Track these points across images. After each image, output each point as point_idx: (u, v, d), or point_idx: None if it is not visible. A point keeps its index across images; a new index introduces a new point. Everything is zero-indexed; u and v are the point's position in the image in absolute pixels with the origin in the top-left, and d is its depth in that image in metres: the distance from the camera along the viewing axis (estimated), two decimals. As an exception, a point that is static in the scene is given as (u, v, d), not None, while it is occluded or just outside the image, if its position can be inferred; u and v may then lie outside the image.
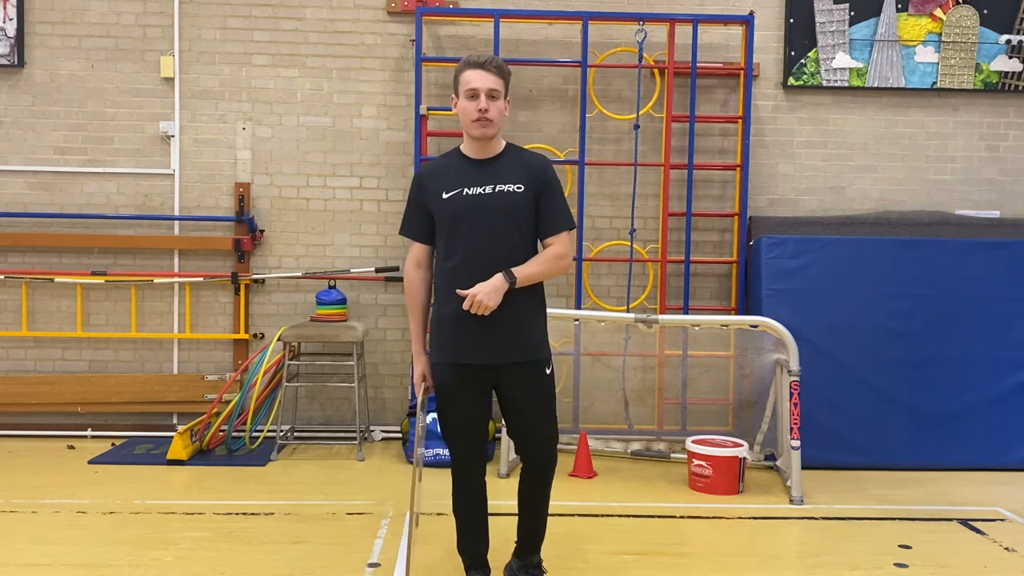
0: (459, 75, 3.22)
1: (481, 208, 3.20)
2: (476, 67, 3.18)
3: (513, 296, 3.18)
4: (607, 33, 6.34)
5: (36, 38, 6.25)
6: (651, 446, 5.91)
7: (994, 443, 5.69)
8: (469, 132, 3.24)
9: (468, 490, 3.42)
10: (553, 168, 3.39)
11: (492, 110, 3.17)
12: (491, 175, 3.25)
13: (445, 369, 3.31)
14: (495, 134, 3.25)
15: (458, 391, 3.30)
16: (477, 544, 3.51)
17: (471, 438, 3.38)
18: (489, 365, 3.26)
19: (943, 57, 6.43)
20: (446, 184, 3.25)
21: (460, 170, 3.28)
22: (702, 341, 6.01)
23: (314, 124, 6.37)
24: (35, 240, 6.24)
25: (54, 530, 4.27)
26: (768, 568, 3.97)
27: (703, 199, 6.43)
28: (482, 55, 3.27)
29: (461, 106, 3.21)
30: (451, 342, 3.28)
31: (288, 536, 4.25)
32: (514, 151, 3.37)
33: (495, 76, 3.18)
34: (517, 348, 3.28)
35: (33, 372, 6.33)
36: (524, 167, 3.29)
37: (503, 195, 3.22)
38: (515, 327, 3.25)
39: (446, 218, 3.23)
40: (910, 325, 5.76)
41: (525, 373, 3.31)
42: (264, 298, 6.40)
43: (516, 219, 3.22)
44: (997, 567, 4.02)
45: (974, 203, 6.54)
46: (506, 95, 3.24)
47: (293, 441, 6.20)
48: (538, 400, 3.34)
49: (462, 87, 3.20)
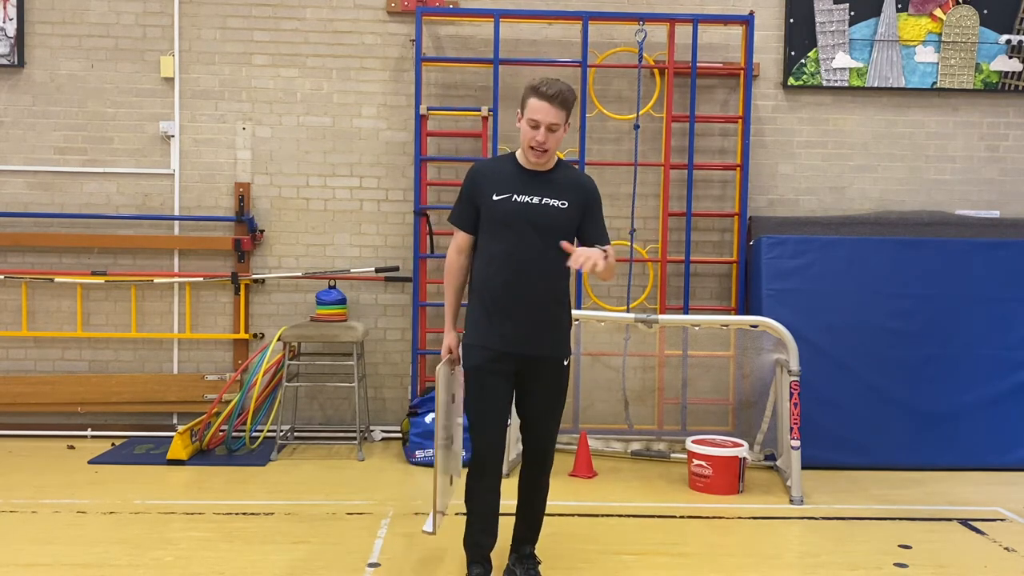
0: (526, 99, 3.39)
1: (526, 215, 3.41)
2: (544, 98, 3.33)
3: (548, 293, 3.44)
4: (607, 33, 6.34)
5: (36, 38, 6.25)
6: (651, 446, 5.91)
7: (994, 443, 5.69)
8: (526, 154, 3.45)
9: (486, 479, 3.50)
10: (597, 188, 3.60)
11: (550, 141, 3.37)
12: (541, 187, 3.45)
13: (476, 352, 3.48)
14: (547, 161, 3.46)
15: (485, 375, 3.46)
16: (484, 537, 3.56)
17: (494, 424, 3.50)
18: (518, 355, 3.44)
19: (943, 57, 6.43)
20: (498, 187, 3.45)
21: (513, 176, 3.47)
22: (702, 341, 6.01)
23: (314, 124, 6.37)
24: (35, 240, 6.24)
25: (54, 530, 4.27)
26: (768, 568, 3.97)
27: (703, 199, 6.43)
28: (552, 84, 3.37)
29: (523, 127, 3.41)
30: (488, 328, 3.45)
31: (288, 536, 4.25)
32: (564, 167, 3.57)
33: (558, 110, 3.34)
34: (547, 343, 3.49)
35: (33, 372, 6.33)
36: (573, 185, 3.51)
37: (548, 208, 3.43)
38: (548, 322, 3.48)
39: (493, 219, 3.44)
40: (910, 325, 5.76)
41: (548, 366, 3.51)
42: (264, 298, 6.40)
43: (555, 231, 3.40)
44: (997, 567, 4.02)
45: (974, 203, 6.54)
46: (567, 122, 3.41)
47: (293, 441, 6.20)
48: (556, 393, 3.56)
49: (527, 112, 3.37)
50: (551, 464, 3.66)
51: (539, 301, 3.43)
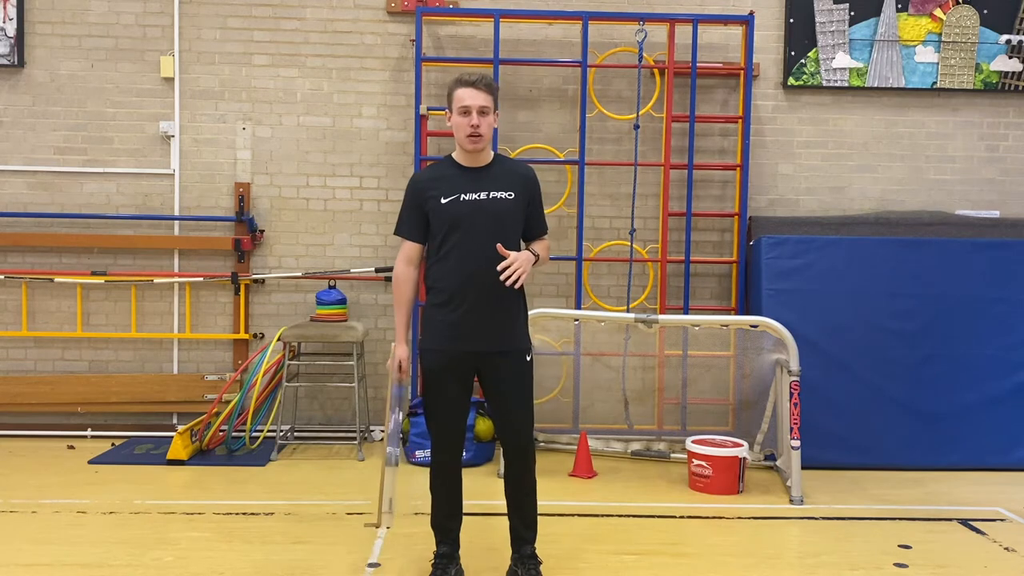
0: (452, 93, 3.53)
1: (477, 212, 3.49)
2: (468, 85, 3.49)
3: (505, 287, 3.44)
4: (607, 33, 6.34)
5: (36, 38, 6.26)
6: (651, 446, 5.91)
7: (994, 443, 5.69)
8: (462, 145, 3.54)
9: (444, 469, 3.63)
10: (537, 176, 3.73)
11: (483, 125, 3.48)
12: (485, 182, 3.55)
13: (433, 355, 3.57)
14: (485, 147, 3.54)
15: (443, 375, 3.55)
16: (449, 520, 3.69)
17: (451, 420, 3.60)
18: (475, 352, 3.52)
19: (943, 57, 6.43)
20: (444, 190, 3.53)
21: (456, 177, 3.56)
22: (702, 341, 6.01)
23: (314, 124, 6.37)
24: (35, 240, 6.25)
25: (54, 530, 4.28)
26: (768, 568, 3.97)
27: (703, 199, 6.43)
28: (473, 73, 3.55)
29: (455, 121, 3.52)
30: (442, 329, 3.53)
31: (288, 536, 4.25)
32: (501, 160, 3.68)
33: (485, 93, 3.48)
34: (503, 337, 3.56)
35: (33, 372, 6.33)
36: (515, 176, 3.62)
37: (496, 201, 3.53)
38: (503, 318, 3.55)
39: (444, 221, 3.50)
40: (910, 325, 5.76)
41: (508, 361, 3.57)
42: (264, 298, 6.40)
43: (506, 222, 3.53)
44: (997, 567, 4.02)
45: (974, 203, 6.54)
46: (495, 109, 3.55)
47: (293, 441, 6.20)
48: (520, 386, 3.61)
49: (455, 104, 3.50)
50: (533, 460, 3.67)
51: (495, 294, 3.47)
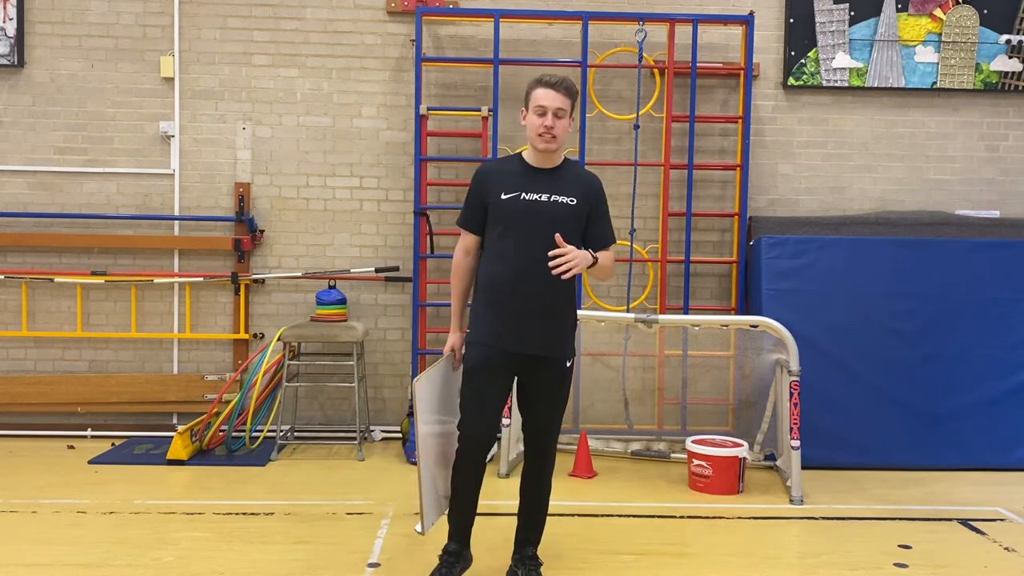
0: (530, 92, 3.46)
1: (535, 213, 3.43)
2: (547, 86, 3.41)
3: (555, 292, 3.42)
4: (607, 33, 6.34)
5: (36, 38, 6.25)
6: (651, 446, 5.91)
7: (994, 443, 5.69)
8: (534, 144, 3.48)
9: (470, 468, 3.53)
10: (603, 187, 3.64)
11: (557, 127, 3.41)
12: (549, 184, 3.48)
13: (479, 349, 3.49)
14: (557, 148, 3.47)
15: (485, 372, 3.47)
16: (465, 518, 3.61)
17: (484, 418, 3.50)
18: (520, 353, 3.46)
19: (943, 57, 6.43)
20: (506, 186, 3.47)
21: (521, 175, 3.50)
22: (702, 341, 6.01)
23: (314, 124, 6.37)
24: (35, 240, 6.24)
25: (54, 530, 4.27)
26: (768, 568, 3.97)
27: (703, 199, 6.43)
28: (554, 76, 3.46)
29: (529, 119, 3.45)
30: (491, 325, 3.47)
31: (288, 536, 4.25)
32: (571, 166, 3.62)
33: (563, 96, 3.41)
34: (551, 342, 3.50)
35: (33, 372, 6.33)
36: (580, 182, 3.54)
37: (557, 205, 3.45)
38: (552, 322, 3.49)
39: (502, 217, 3.46)
40: (910, 325, 5.76)
41: (551, 366, 3.51)
42: (264, 298, 6.40)
43: (564, 228, 3.40)
44: (997, 567, 4.02)
45: (974, 203, 6.54)
46: (572, 113, 3.47)
47: (293, 441, 6.20)
48: (556, 391, 3.56)
49: (532, 103, 3.43)
50: (552, 465, 3.66)
51: (546, 299, 3.43)
